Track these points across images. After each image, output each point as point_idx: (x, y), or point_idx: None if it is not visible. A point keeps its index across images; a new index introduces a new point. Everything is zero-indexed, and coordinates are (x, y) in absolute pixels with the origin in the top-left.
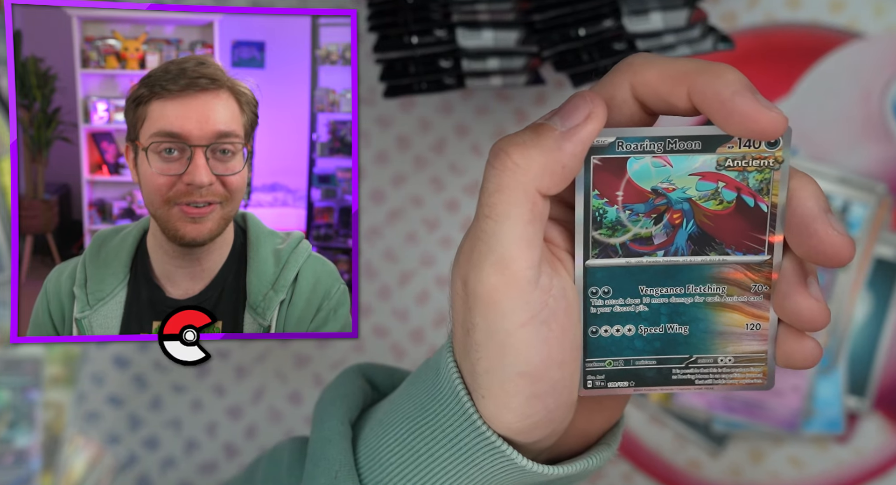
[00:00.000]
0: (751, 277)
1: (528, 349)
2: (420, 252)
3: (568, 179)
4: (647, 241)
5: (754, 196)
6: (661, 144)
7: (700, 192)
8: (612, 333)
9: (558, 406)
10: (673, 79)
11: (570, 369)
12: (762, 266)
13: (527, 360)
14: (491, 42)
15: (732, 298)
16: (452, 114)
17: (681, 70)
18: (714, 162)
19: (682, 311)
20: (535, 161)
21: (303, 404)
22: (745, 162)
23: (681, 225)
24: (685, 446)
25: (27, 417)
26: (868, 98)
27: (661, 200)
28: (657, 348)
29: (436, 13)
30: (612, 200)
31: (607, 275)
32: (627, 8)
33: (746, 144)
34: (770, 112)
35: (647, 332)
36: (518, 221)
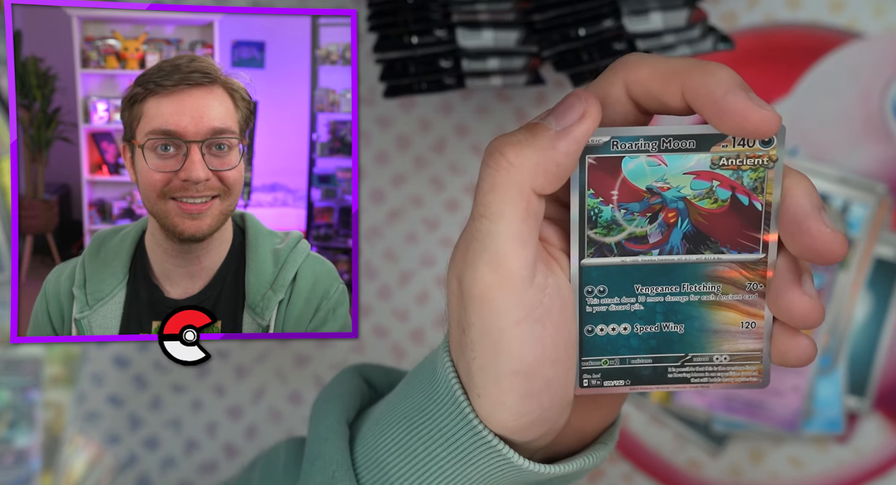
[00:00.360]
0: (746, 276)
1: (523, 347)
2: (420, 252)
3: (563, 178)
4: (642, 239)
5: (749, 195)
6: (655, 143)
7: (695, 190)
8: (608, 331)
9: (553, 404)
10: (666, 77)
11: (565, 367)
12: (757, 264)
13: (521, 358)
14: (491, 42)
15: (727, 296)
16: (452, 114)
17: (674, 68)
18: (708, 161)
19: (677, 309)
20: (530, 160)
21: (303, 404)
22: (740, 161)
23: (676, 224)
24: (685, 446)
25: (27, 417)
26: (868, 98)
27: (656, 199)
28: (653, 347)
29: (436, 13)
30: (606, 199)
31: (602, 274)
32: (627, 8)
33: (740, 142)
34: (762, 110)
35: (643, 330)
36: (513, 220)
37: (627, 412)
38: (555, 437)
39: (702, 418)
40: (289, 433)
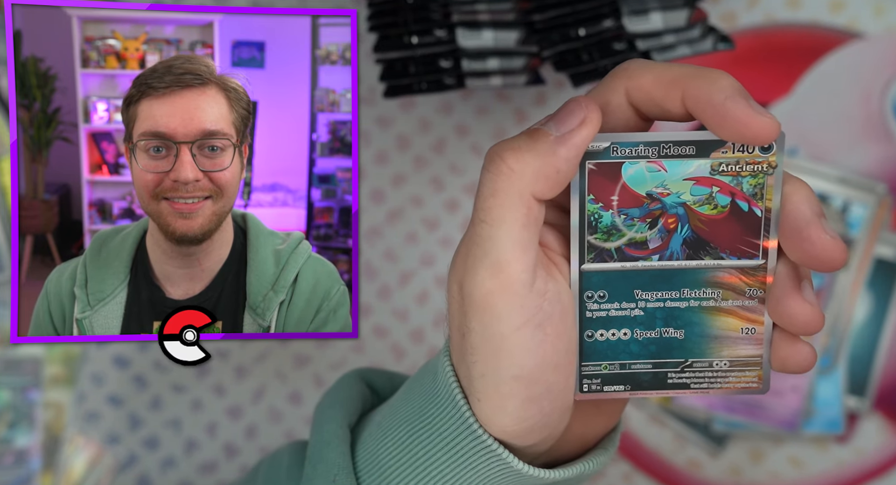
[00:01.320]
0: (745, 282)
1: (523, 353)
2: (420, 252)
3: (563, 183)
4: (642, 245)
5: (748, 201)
6: (655, 149)
7: (694, 196)
8: (608, 337)
9: (554, 410)
10: (667, 84)
11: (566, 372)
12: (757, 270)
13: (521, 363)
14: (491, 42)
15: (727, 302)
16: (452, 114)
17: (675, 75)
18: (708, 167)
19: (677, 315)
20: (530, 166)
21: (303, 405)
22: (739, 167)
23: (676, 229)
24: (685, 446)
25: (27, 417)
26: (868, 98)
27: (656, 205)
28: (652, 352)
29: (436, 13)
30: (607, 205)
31: (603, 279)
32: (627, 8)
33: (740, 148)
34: (762, 117)
35: (643, 336)
36: (513, 226)
37: (627, 412)
38: (556, 442)
39: (702, 418)
40: (289, 433)
